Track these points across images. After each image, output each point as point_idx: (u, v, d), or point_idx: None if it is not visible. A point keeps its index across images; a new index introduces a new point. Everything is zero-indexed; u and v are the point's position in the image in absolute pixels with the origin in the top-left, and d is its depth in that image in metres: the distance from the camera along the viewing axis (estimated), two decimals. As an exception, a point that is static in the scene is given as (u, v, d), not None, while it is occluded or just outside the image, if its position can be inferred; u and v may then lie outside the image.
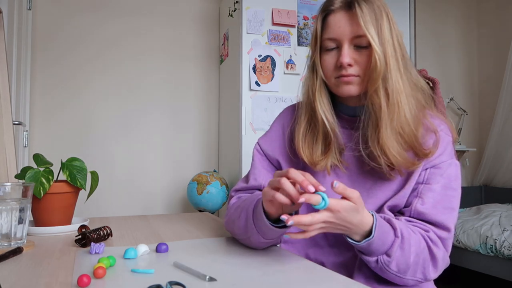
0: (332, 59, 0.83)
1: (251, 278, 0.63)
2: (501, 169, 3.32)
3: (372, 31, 0.78)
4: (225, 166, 2.69)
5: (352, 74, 0.81)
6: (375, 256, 0.75)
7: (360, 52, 0.81)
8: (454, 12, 3.67)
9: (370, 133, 0.82)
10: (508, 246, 2.26)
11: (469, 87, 3.73)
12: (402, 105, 0.79)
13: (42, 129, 2.50)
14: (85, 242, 0.83)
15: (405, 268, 0.76)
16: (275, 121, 1.01)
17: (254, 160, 0.99)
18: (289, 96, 2.35)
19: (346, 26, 0.80)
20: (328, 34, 0.83)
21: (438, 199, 0.81)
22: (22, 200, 0.83)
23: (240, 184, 1.01)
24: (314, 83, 0.86)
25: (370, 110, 0.81)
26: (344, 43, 0.81)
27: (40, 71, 2.51)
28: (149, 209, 2.71)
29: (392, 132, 0.79)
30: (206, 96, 2.89)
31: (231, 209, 0.94)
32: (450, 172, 0.83)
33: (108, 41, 2.66)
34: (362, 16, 0.78)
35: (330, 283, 0.63)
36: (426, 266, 0.78)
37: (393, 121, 0.79)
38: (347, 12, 0.81)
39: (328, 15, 0.83)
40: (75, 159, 1.04)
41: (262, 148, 0.99)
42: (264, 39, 2.34)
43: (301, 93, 0.92)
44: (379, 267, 0.76)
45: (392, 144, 0.79)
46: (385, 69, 0.78)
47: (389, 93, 0.79)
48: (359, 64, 0.81)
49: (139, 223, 1.17)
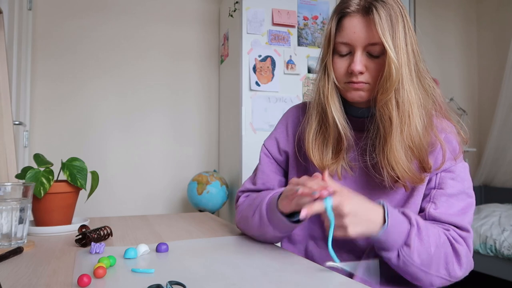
0: (343, 64, 0.81)
1: (251, 278, 0.63)
2: (501, 169, 3.32)
3: (389, 40, 0.75)
4: (225, 166, 2.70)
5: (362, 81, 0.80)
6: (395, 250, 0.74)
7: (372, 60, 0.79)
8: (454, 12, 3.67)
9: (377, 145, 0.80)
10: (508, 246, 2.26)
11: (469, 87, 3.73)
12: (414, 116, 0.77)
13: (42, 129, 2.50)
14: (85, 242, 0.83)
15: (428, 260, 0.74)
16: (280, 121, 1.01)
17: (262, 163, 0.99)
18: (289, 96, 2.35)
19: (362, 32, 0.78)
20: (341, 38, 0.80)
21: (451, 203, 0.81)
22: (23, 200, 0.84)
23: (247, 185, 1.02)
24: (326, 85, 0.84)
25: (379, 120, 0.79)
26: (357, 50, 0.79)
27: (40, 71, 2.51)
28: (149, 209, 2.71)
29: (401, 145, 0.77)
30: (206, 96, 2.89)
31: (241, 207, 0.96)
32: (461, 175, 0.83)
33: (108, 41, 2.66)
34: (380, 23, 0.75)
35: (330, 283, 0.63)
36: (449, 261, 0.76)
37: (403, 133, 0.77)
38: (363, 17, 0.78)
39: (343, 18, 0.80)
40: (75, 159, 1.04)
41: (269, 151, 0.99)
42: (264, 39, 2.34)
43: (313, 93, 0.89)
44: (401, 262, 0.74)
45: (401, 157, 0.77)
46: (399, 79, 0.76)
47: (400, 104, 0.77)
48: (370, 72, 0.79)
49: (139, 223, 1.17)
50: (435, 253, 0.75)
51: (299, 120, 0.96)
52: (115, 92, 2.67)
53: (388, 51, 0.75)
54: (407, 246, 0.74)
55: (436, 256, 0.75)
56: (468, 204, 0.83)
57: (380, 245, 0.74)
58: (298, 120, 0.96)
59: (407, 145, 0.77)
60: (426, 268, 0.75)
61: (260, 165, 1.00)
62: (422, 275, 0.76)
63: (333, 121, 0.83)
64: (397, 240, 0.73)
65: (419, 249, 0.74)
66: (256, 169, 1.02)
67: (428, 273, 0.75)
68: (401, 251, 0.74)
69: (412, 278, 0.77)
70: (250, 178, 1.04)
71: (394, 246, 0.74)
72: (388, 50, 0.75)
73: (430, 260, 0.75)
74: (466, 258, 0.78)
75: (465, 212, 0.81)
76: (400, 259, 0.74)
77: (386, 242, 0.73)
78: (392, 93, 0.76)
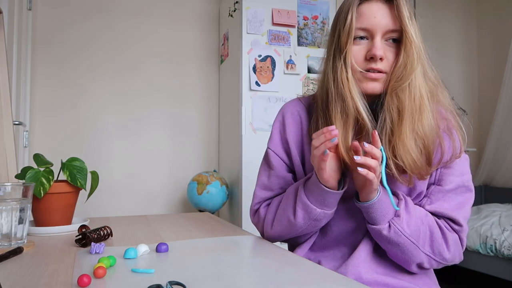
0: (361, 50, 0.80)
1: (251, 278, 0.63)
2: (501, 169, 3.32)
3: (411, 27, 0.76)
4: (225, 166, 2.70)
5: (381, 69, 0.79)
6: (386, 222, 0.78)
7: (389, 48, 0.79)
8: (454, 12, 3.67)
9: (385, 134, 0.79)
10: (508, 246, 2.26)
11: (469, 87, 3.73)
12: (424, 108, 0.78)
13: (42, 129, 2.50)
14: (85, 242, 0.83)
15: (416, 232, 0.78)
16: (276, 119, 1.00)
17: (273, 167, 0.96)
18: (289, 96, 2.34)
19: (382, 17, 0.78)
20: (360, 24, 0.79)
21: (447, 197, 0.83)
22: (23, 200, 0.83)
23: (262, 195, 0.97)
24: (346, 75, 0.80)
25: (390, 109, 0.79)
26: (377, 35, 0.78)
27: (40, 71, 2.51)
28: (149, 209, 2.71)
29: (412, 134, 0.77)
30: (206, 96, 2.89)
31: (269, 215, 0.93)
32: (460, 168, 0.85)
33: (108, 41, 2.66)
34: (404, 10, 0.76)
35: (330, 283, 0.63)
36: (435, 240, 0.80)
37: (414, 123, 0.77)
38: (384, 4, 0.78)
39: (361, 4, 0.80)
40: (75, 159, 1.04)
41: (276, 153, 0.96)
42: (264, 39, 2.34)
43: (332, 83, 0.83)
44: (392, 231, 0.78)
45: (411, 145, 0.77)
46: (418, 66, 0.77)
47: (413, 93, 0.77)
48: (387, 60, 0.79)
49: (139, 223, 1.17)
50: (421, 226, 0.79)
51: (299, 114, 0.95)
52: (115, 92, 2.67)
53: (411, 37, 0.76)
54: (397, 216, 0.79)
55: (423, 230, 0.79)
56: (466, 198, 0.84)
57: (371, 216, 0.79)
58: (298, 114, 0.95)
59: (418, 135, 0.78)
60: (414, 240, 0.79)
61: (272, 170, 0.96)
62: (411, 248, 0.79)
63: (355, 109, 0.80)
64: (389, 211, 0.78)
65: (407, 220, 0.78)
66: (268, 175, 0.97)
67: (416, 246, 0.79)
68: (391, 221, 0.78)
69: (403, 252, 0.80)
70: (260, 186, 0.99)
71: (385, 217, 0.78)
72: (411, 36, 0.76)
73: (418, 232, 0.79)
74: (455, 245, 0.81)
75: (461, 206, 0.83)
76: (391, 229, 0.78)
77: (379, 210, 0.78)
78: (408, 81, 0.77)
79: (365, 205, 0.79)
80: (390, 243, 0.80)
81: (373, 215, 0.79)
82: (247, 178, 2.25)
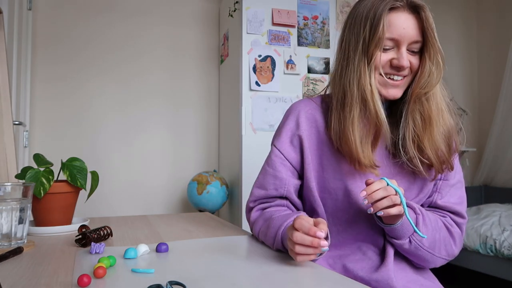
0: (387, 57, 0.83)
1: (251, 278, 0.63)
2: (501, 169, 3.32)
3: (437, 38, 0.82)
4: (225, 166, 2.70)
5: (404, 75, 0.85)
6: (407, 237, 0.83)
7: (411, 56, 0.84)
8: (454, 12, 3.67)
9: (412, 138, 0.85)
10: (508, 246, 2.26)
11: (469, 87, 3.73)
12: (444, 110, 0.86)
13: (42, 129, 2.50)
14: (85, 242, 0.83)
15: (433, 243, 0.84)
16: (288, 118, 0.95)
17: (273, 167, 0.93)
18: (289, 96, 2.35)
19: (410, 29, 0.81)
20: (390, 34, 0.81)
21: (453, 192, 0.91)
22: (23, 200, 0.84)
23: (257, 193, 0.95)
24: (370, 81, 0.82)
25: (414, 114, 0.84)
26: (403, 45, 0.82)
27: (40, 71, 2.51)
28: (149, 209, 2.71)
29: (439, 136, 0.84)
30: (206, 96, 2.89)
31: (256, 226, 0.92)
32: (457, 165, 0.93)
33: (108, 41, 2.66)
34: (432, 22, 0.81)
35: (330, 283, 0.63)
36: (447, 243, 0.87)
37: (439, 126, 0.85)
38: (411, 14, 0.82)
39: (390, 13, 0.81)
40: (75, 159, 1.04)
41: (282, 151, 0.93)
42: (264, 39, 2.34)
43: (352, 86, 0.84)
44: (413, 246, 0.83)
45: (440, 147, 0.85)
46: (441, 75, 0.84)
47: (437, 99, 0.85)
48: (411, 68, 0.85)
49: (139, 223, 1.17)
50: (437, 236, 0.85)
51: (312, 113, 0.93)
52: (115, 92, 2.67)
53: (437, 47, 0.82)
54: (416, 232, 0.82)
55: (438, 239, 0.85)
56: (463, 192, 0.94)
57: (393, 234, 0.83)
58: (312, 113, 0.93)
59: (444, 136, 0.86)
60: (431, 250, 0.85)
61: (270, 169, 0.93)
62: (429, 257, 0.85)
63: (376, 113, 0.82)
64: (409, 228, 0.82)
65: (426, 234, 0.83)
66: (265, 173, 0.95)
67: (433, 254, 0.85)
68: (412, 237, 0.83)
69: (420, 260, 0.86)
70: (257, 184, 0.96)
71: (406, 234, 0.82)
72: (437, 47, 0.82)
73: (434, 243, 0.84)
74: (459, 239, 0.90)
75: (463, 200, 0.92)
76: (412, 244, 0.83)
77: (401, 231, 0.82)
78: (433, 89, 0.84)
79: (388, 228, 0.83)
80: (410, 254, 0.86)
81: (395, 233, 0.83)
82: (247, 178, 2.25)
